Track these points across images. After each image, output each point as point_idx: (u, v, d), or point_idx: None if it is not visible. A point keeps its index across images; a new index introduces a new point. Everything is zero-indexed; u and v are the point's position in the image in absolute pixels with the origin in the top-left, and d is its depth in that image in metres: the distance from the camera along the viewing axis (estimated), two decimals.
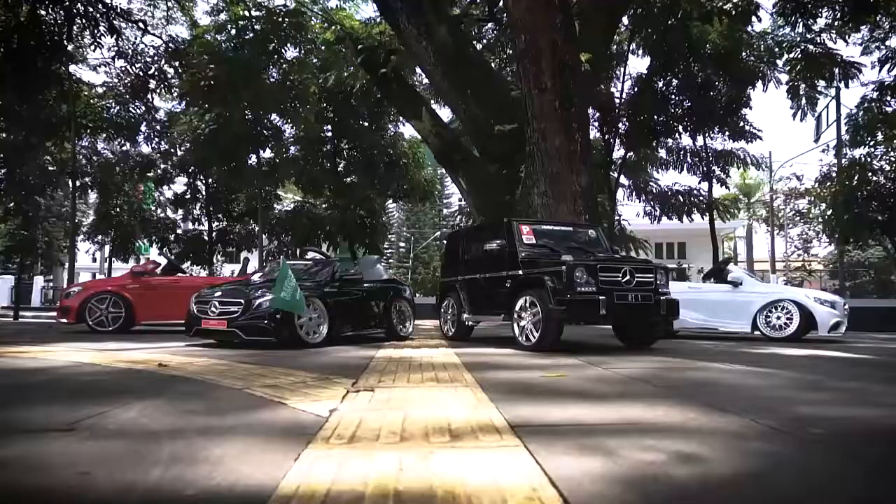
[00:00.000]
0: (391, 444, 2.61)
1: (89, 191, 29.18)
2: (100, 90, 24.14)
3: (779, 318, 10.88)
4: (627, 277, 8.07)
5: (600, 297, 7.69)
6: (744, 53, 20.53)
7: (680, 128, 22.32)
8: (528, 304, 8.20)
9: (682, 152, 24.16)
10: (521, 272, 8.62)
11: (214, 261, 28.30)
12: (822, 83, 21.51)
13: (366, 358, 6.91)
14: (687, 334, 11.62)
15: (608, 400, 3.99)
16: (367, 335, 10.16)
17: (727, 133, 22.25)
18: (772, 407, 3.77)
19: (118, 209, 28.36)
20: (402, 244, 61.46)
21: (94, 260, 36.90)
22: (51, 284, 41.90)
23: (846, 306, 11.23)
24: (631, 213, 28.23)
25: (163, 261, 13.00)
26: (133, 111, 24.54)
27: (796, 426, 3.17)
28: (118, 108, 24.10)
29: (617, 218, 24.08)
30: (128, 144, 26.40)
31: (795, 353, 8.32)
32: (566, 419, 3.29)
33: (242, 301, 8.39)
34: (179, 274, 12.96)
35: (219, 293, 8.80)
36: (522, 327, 8.25)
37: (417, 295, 33.39)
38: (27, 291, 39.26)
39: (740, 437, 2.91)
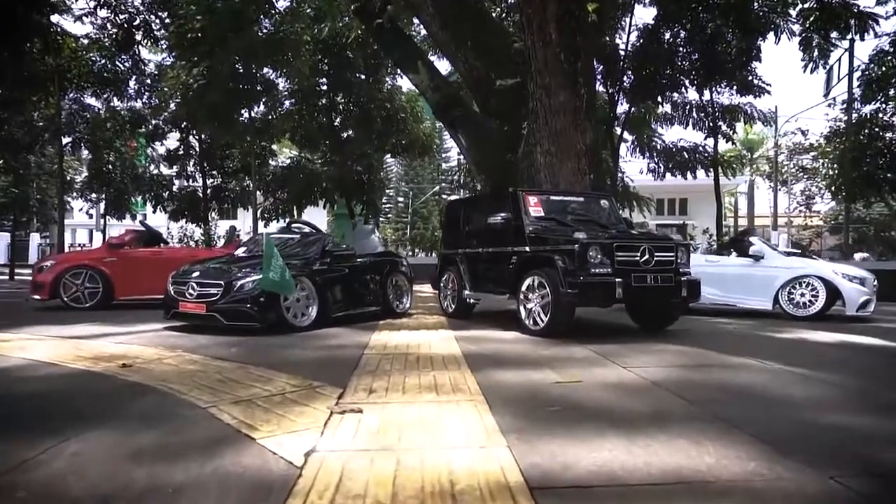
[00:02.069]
0: None
1: (81, 147, 28.40)
2: (84, 42, 23.16)
3: (803, 294, 10.20)
4: (646, 257, 7.42)
5: (616, 280, 7.07)
6: (756, 3, 19.58)
7: (686, 81, 21.48)
8: (535, 285, 7.59)
9: (687, 107, 23.41)
10: (528, 249, 7.94)
11: (210, 218, 27.60)
12: (835, 34, 20.61)
13: (358, 347, 6.36)
14: (702, 310, 10.96)
15: (641, 429, 3.33)
16: (362, 313, 9.47)
17: (735, 87, 21.43)
18: (845, 447, 3.14)
19: (110, 166, 27.60)
20: (400, 199, 60.71)
21: (91, 217, 36.29)
22: (48, 241, 41.47)
23: (875, 282, 10.53)
24: (633, 169, 27.46)
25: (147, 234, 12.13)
26: (120, 65, 23.61)
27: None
28: (104, 61, 23.16)
29: (620, 175, 23.46)
30: (116, 99, 25.46)
31: (827, 340, 7.65)
32: (597, 471, 2.68)
33: (222, 283, 7.72)
34: (161, 245, 12.31)
35: (196, 273, 8.13)
36: (529, 310, 7.65)
37: (416, 251, 33.10)
38: (24, 249, 38.95)
39: None
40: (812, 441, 3.22)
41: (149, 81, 25.26)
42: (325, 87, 24.90)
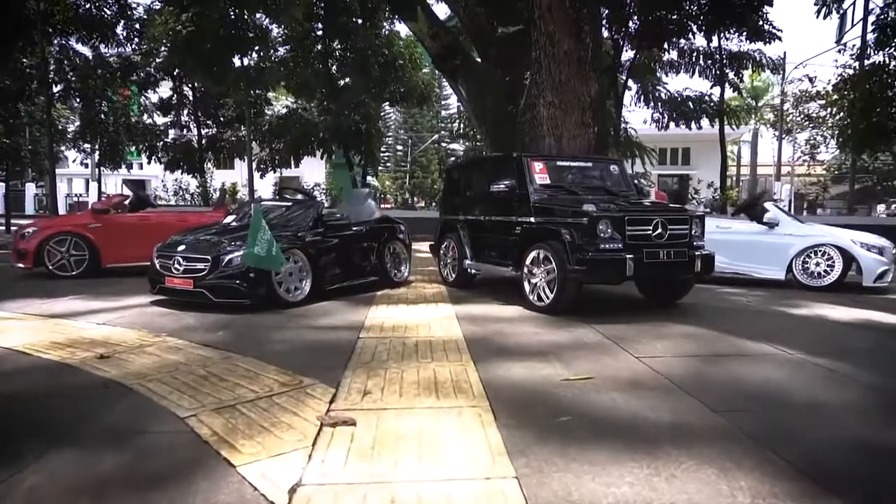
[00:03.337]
0: None
1: (71, 97, 27.70)
2: None
3: (818, 264, 9.74)
4: (659, 230, 6.99)
5: (627, 256, 6.68)
6: None
7: (694, 27, 20.70)
8: (541, 259, 7.18)
9: (694, 54, 22.73)
10: (533, 220, 7.49)
11: (206, 169, 27.10)
12: None
13: (353, 328, 6.03)
14: (713, 278, 10.52)
15: (663, 452, 3.01)
16: (358, 283, 8.96)
17: (745, 33, 20.68)
18: None
19: (102, 115, 26.95)
20: (399, 148, 59.95)
21: (86, 167, 35.77)
22: (44, 191, 40.96)
23: (894, 250, 10.08)
24: (637, 118, 26.91)
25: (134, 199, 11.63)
26: (106, 9, 22.80)
27: None
28: (89, 4, 22.32)
29: (623, 125, 22.89)
30: (103, 46, 24.66)
31: (848, 319, 7.18)
32: None
33: (210, 257, 7.26)
34: (149, 209, 11.85)
35: (182, 247, 7.65)
36: (534, 285, 7.27)
37: (415, 200, 32.74)
38: (20, 199, 38.50)
39: None
40: (857, 469, 2.88)
41: (137, 27, 24.44)
42: (319, 33, 24.15)
